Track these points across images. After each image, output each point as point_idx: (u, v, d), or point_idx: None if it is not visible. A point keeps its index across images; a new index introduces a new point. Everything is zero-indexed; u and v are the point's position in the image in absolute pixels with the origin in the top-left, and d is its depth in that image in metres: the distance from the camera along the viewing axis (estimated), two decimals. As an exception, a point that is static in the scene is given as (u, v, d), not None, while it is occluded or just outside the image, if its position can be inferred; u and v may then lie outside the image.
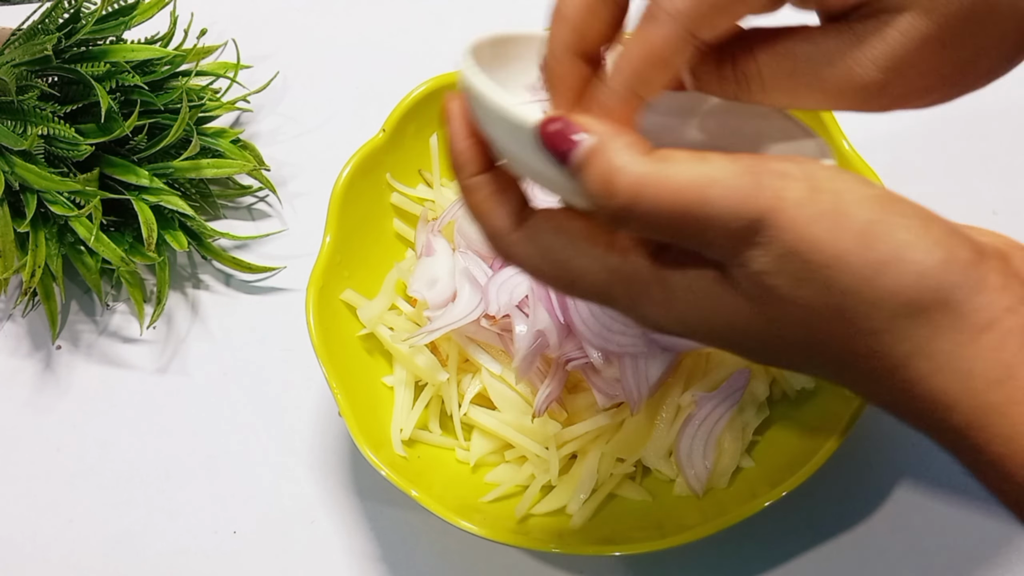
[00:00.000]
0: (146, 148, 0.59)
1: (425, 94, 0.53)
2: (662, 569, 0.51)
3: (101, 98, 0.55)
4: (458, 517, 0.45)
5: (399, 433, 0.51)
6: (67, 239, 0.58)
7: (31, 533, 0.57)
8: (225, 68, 0.65)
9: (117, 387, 0.60)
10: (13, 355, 0.62)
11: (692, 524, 0.45)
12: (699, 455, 0.48)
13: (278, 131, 0.67)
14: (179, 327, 0.61)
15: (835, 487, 0.52)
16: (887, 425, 0.53)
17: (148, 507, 0.57)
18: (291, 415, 0.58)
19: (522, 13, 0.68)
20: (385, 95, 0.55)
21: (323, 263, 0.51)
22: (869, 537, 0.51)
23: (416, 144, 0.55)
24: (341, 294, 0.52)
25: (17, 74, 0.56)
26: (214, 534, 0.56)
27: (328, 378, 0.48)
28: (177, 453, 0.58)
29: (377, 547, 0.54)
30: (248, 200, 0.65)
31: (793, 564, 0.51)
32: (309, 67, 0.68)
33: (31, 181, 0.55)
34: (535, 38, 0.36)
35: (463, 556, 0.53)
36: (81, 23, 0.59)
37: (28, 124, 0.56)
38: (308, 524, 0.55)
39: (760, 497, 0.44)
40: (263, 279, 0.62)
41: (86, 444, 0.59)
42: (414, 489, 0.46)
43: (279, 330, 0.61)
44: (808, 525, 0.52)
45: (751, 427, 0.49)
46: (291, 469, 0.57)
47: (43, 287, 0.59)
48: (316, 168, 0.65)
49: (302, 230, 0.63)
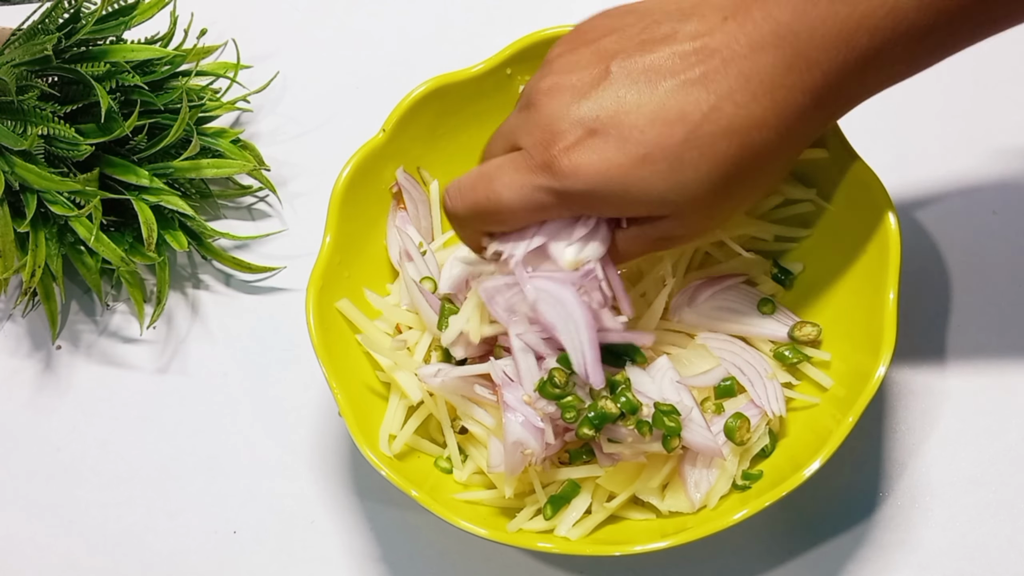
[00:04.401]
0: (146, 148, 0.59)
1: (425, 94, 0.53)
2: (662, 569, 0.51)
3: (101, 98, 0.55)
4: (458, 517, 0.45)
5: (387, 438, 0.50)
6: (67, 239, 0.58)
7: (31, 533, 0.57)
8: (225, 68, 0.65)
9: (117, 387, 0.60)
10: (13, 355, 0.62)
11: (692, 524, 0.45)
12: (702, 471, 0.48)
13: (278, 131, 0.67)
14: (179, 327, 0.61)
15: (835, 487, 0.52)
16: (887, 425, 0.53)
17: (148, 507, 0.57)
18: (291, 415, 0.58)
19: (522, 13, 0.68)
20: (385, 95, 0.55)
21: (323, 263, 0.51)
22: (869, 537, 0.51)
23: (416, 144, 0.55)
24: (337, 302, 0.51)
25: (17, 74, 0.56)
26: (214, 534, 0.56)
27: (328, 378, 0.48)
28: (177, 453, 0.58)
29: (377, 547, 0.54)
30: (248, 200, 0.65)
31: (793, 564, 0.51)
32: (309, 67, 0.68)
33: (31, 181, 0.55)
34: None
35: (463, 556, 0.53)
36: (81, 23, 0.59)
37: (28, 124, 0.56)
38: (308, 524, 0.55)
39: (760, 497, 0.44)
40: (263, 279, 0.62)
41: (86, 444, 0.59)
42: (414, 489, 0.46)
43: (279, 330, 0.61)
44: (808, 525, 0.52)
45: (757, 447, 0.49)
46: (291, 469, 0.57)
47: (43, 287, 0.59)
48: (316, 168, 0.65)
49: (302, 230, 0.63)
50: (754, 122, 0.39)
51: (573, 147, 0.40)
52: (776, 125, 0.39)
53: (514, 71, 0.54)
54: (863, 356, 0.46)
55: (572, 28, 0.44)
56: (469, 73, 0.54)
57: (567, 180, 0.40)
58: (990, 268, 0.57)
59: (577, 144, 0.40)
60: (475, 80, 0.54)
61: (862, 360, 0.46)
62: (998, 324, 0.55)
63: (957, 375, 0.54)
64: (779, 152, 0.41)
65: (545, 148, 0.41)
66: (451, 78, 0.54)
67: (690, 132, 0.39)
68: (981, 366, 0.54)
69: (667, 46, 0.40)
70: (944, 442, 0.53)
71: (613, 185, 0.40)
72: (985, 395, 0.54)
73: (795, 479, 0.44)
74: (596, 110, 0.40)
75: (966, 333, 0.55)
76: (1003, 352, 0.54)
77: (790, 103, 0.39)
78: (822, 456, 0.44)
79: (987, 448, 0.53)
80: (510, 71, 0.54)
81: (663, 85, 0.39)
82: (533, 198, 0.42)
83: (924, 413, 0.54)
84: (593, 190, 0.40)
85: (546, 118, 0.41)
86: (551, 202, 0.42)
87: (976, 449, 0.53)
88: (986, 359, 0.54)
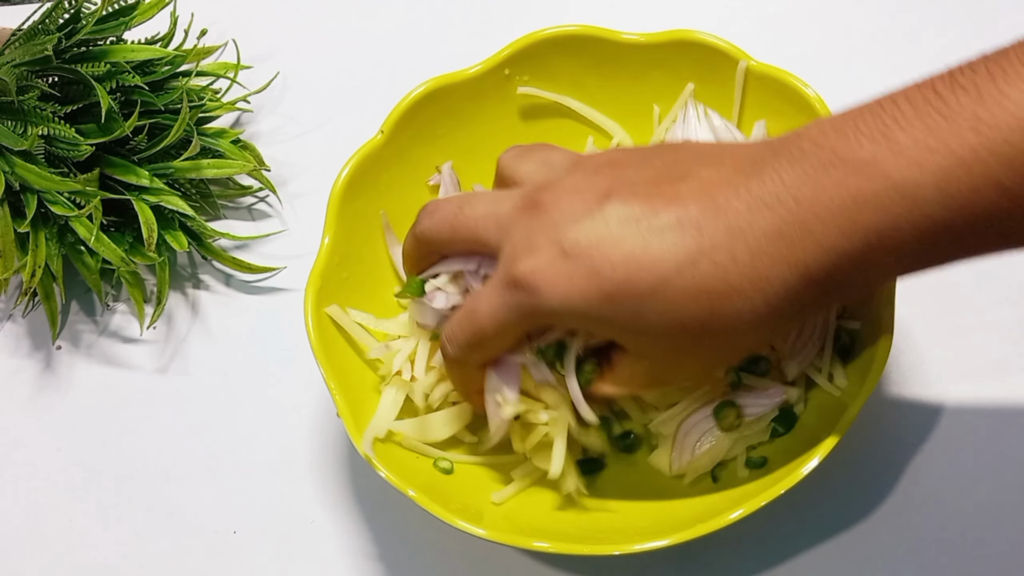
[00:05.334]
0: (146, 148, 0.59)
1: (423, 95, 0.53)
2: (662, 569, 0.51)
3: (101, 98, 0.55)
4: (458, 517, 0.45)
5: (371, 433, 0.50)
6: (67, 239, 0.58)
7: (31, 533, 0.57)
8: (225, 68, 0.65)
9: (117, 387, 0.60)
10: (13, 355, 0.62)
11: (691, 523, 0.45)
12: (694, 439, 0.48)
13: (278, 131, 0.67)
14: (179, 327, 0.61)
15: (835, 487, 0.52)
16: (887, 425, 0.53)
17: (148, 507, 0.57)
18: (291, 415, 0.58)
19: (521, 13, 0.68)
20: (385, 95, 0.55)
21: (322, 263, 0.51)
22: (869, 537, 0.51)
23: (415, 145, 0.55)
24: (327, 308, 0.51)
25: (17, 74, 0.56)
26: (214, 534, 0.56)
27: (326, 379, 0.48)
28: (177, 453, 0.58)
29: (377, 547, 0.54)
30: (248, 200, 0.65)
31: (793, 564, 0.51)
32: (309, 67, 0.68)
33: (31, 181, 0.55)
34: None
35: (463, 556, 0.53)
36: (81, 23, 0.59)
37: (28, 124, 0.56)
38: (308, 524, 0.55)
39: (758, 496, 0.44)
40: (263, 279, 0.62)
41: (86, 444, 0.59)
42: (413, 489, 0.46)
43: (279, 330, 0.61)
44: (808, 525, 0.52)
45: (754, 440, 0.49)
46: (291, 469, 0.57)
47: (43, 287, 0.59)
48: (316, 168, 0.65)
49: (302, 230, 0.63)
50: (728, 288, 0.36)
51: (541, 265, 0.39)
52: (752, 296, 0.36)
53: (513, 71, 0.54)
54: (863, 355, 0.46)
55: (604, 152, 0.44)
56: (468, 74, 0.54)
57: (533, 296, 0.40)
58: (990, 268, 0.56)
59: (546, 262, 0.39)
60: (474, 80, 0.54)
61: (862, 359, 0.46)
62: (998, 324, 0.55)
63: (957, 374, 0.54)
64: (755, 325, 0.37)
65: (514, 263, 0.40)
66: (450, 79, 0.54)
67: (659, 283, 0.37)
68: (981, 365, 0.54)
69: (673, 185, 0.38)
70: (944, 442, 0.53)
71: (576, 310, 0.39)
72: (985, 394, 0.54)
73: (794, 478, 0.44)
74: (577, 234, 0.38)
75: (966, 333, 0.55)
76: (1003, 352, 0.54)
77: (773, 275, 0.35)
78: (821, 455, 0.44)
79: (987, 448, 0.52)
80: (508, 71, 0.54)
81: (651, 222, 0.37)
82: (508, 318, 0.41)
83: (923, 412, 0.54)
84: (556, 310, 0.39)
85: (532, 231, 0.40)
86: (522, 320, 0.41)
87: (976, 449, 0.52)
88: (986, 359, 0.54)
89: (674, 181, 0.38)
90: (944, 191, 0.32)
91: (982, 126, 0.31)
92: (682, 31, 0.53)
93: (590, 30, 0.54)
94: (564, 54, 0.55)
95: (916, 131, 0.32)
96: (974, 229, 0.33)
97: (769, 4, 0.67)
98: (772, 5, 0.67)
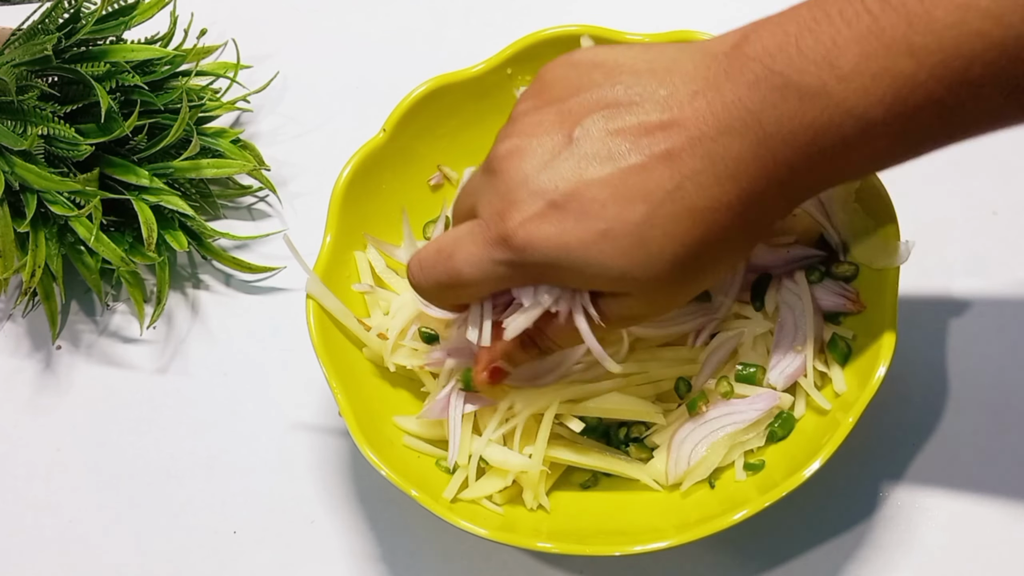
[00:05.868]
0: (146, 148, 0.59)
1: (425, 94, 0.53)
2: (662, 568, 0.51)
3: (101, 98, 0.55)
4: (458, 517, 0.45)
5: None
6: (67, 239, 0.58)
7: (31, 533, 0.57)
8: (225, 68, 0.65)
9: (117, 387, 0.60)
10: (13, 355, 0.62)
11: (692, 524, 0.45)
12: (688, 447, 0.48)
13: (278, 131, 0.67)
14: (179, 327, 0.61)
15: (835, 487, 0.52)
16: (887, 425, 0.53)
17: (148, 507, 0.57)
18: (291, 415, 0.58)
19: (522, 13, 0.68)
20: (385, 95, 0.55)
21: (323, 263, 0.51)
22: (869, 537, 0.51)
23: (417, 144, 0.55)
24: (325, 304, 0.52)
25: (17, 74, 0.56)
26: (214, 534, 0.56)
27: (328, 378, 0.48)
28: (177, 453, 0.58)
29: (377, 547, 0.54)
30: (248, 200, 0.65)
31: (793, 564, 0.51)
32: (309, 67, 0.68)
33: (31, 181, 0.55)
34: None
35: (463, 556, 0.53)
36: (81, 23, 0.59)
37: (28, 124, 0.56)
38: (308, 524, 0.55)
39: (760, 497, 0.44)
40: (263, 279, 0.62)
41: (86, 444, 0.59)
42: (414, 489, 0.46)
43: (279, 330, 0.61)
44: (808, 525, 0.52)
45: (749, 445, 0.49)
46: (291, 469, 0.57)
47: (43, 287, 0.59)
48: (316, 168, 0.65)
49: (302, 230, 0.63)
50: (718, 204, 0.38)
51: (531, 220, 0.39)
52: (741, 210, 0.39)
53: (514, 71, 0.54)
54: (863, 356, 0.46)
55: (536, 77, 0.43)
56: (469, 73, 0.54)
57: (524, 253, 0.40)
58: (990, 268, 0.57)
59: (535, 217, 0.39)
60: (475, 80, 0.54)
61: (862, 360, 0.46)
62: (998, 324, 0.55)
63: (957, 375, 0.54)
64: (742, 234, 0.40)
65: (502, 220, 0.40)
66: (451, 78, 0.54)
67: (652, 210, 0.38)
68: (981, 366, 0.54)
69: (633, 114, 0.39)
70: (944, 442, 0.53)
71: (573, 258, 0.39)
72: (985, 395, 0.54)
73: (795, 479, 0.44)
74: (556, 180, 0.39)
75: (966, 333, 0.55)
76: (1003, 352, 0.54)
77: (755, 190, 0.38)
78: (822, 456, 0.44)
79: (987, 448, 0.53)
80: (510, 71, 0.54)
81: (627, 159, 0.38)
82: (493, 272, 0.41)
83: (924, 413, 0.54)
84: (551, 262, 0.40)
85: (504, 186, 0.40)
86: (510, 274, 0.41)
87: (976, 449, 0.53)
88: (986, 359, 0.54)
89: (631, 108, 0.39)
90: (891, 112, 0.36)
91: (918, 51, 0.34)
92: (682, 31, 0.53)
93: (592, 30, 0.54)
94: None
95: (856, 57, 0.35)
96: (919, 141, 0.37)
97: (769, 4, 0.67)
98: (772, 5, 0.67)
